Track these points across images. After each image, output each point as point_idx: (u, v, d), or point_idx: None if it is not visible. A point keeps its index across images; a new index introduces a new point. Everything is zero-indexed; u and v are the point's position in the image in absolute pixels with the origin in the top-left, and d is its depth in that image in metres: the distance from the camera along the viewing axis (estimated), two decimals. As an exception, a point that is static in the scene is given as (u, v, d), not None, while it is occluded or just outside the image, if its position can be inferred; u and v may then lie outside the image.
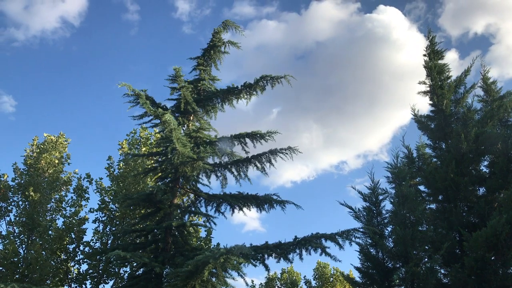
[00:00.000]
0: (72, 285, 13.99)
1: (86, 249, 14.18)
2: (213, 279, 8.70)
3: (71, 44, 56.21)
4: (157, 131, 14.72)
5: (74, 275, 14.18)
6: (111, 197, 14.83)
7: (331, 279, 26.78)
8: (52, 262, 13.33)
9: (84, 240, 14.21)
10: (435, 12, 60.04)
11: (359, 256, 11.83)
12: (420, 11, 58.79)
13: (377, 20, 54.42)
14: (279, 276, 27.64)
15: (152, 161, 14.29)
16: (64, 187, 15.67)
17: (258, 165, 11.16)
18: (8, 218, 14.70)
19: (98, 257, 13.59)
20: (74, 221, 14.14)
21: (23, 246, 13.89)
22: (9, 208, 14.86)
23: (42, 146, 15.68)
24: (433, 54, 13.66)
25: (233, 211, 11.05)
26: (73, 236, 14.03)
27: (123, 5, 56.95)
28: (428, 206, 12.37)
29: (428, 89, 13.36)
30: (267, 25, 65.36)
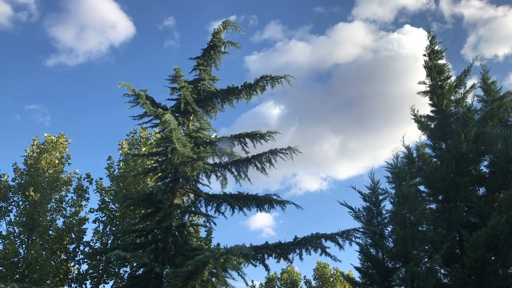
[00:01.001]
0: (72, 285, 14.00)
1: (86, 249, 14.18)
2: (213, 279, 8.71)
3: (115, 69, 57.42)
4: (157, 131, 14.72)
5: (74, 275, 14.18)
6: (111, 197, 14.83)
7: (331, 279, 26.79)
8: (52, 262, 13.33)
9: (84, 240, 14.22)
10: (460, 40, 60.80)
11: (359, 256, 11.84)
12: (445, 34, 59.08)
13: (401, 41, 54.99)
14: (279, 276, 27.65)
15: (152, 161, 14.29)
16: (64, 187, 15.68)
17: (258, 165, 11.17)
18: (8, 218, 14.72)
19: (98, 257, 13.59)
20: (74, 221, 14.14)
21: (23, 246, 13.89)
22: (9, 208, 14.86)
23: (42, 146, 15.69)
24: (433, 54, 13.66)
25: (233, 211, 11.05)
26: (73, 236, 14.04)
27: (168, 32, 57.89)
28: (428, 206, 12.37)
29: (428, 89, 13.35)
30: (296, 46, 66.36)
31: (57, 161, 15.68)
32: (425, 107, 13.29)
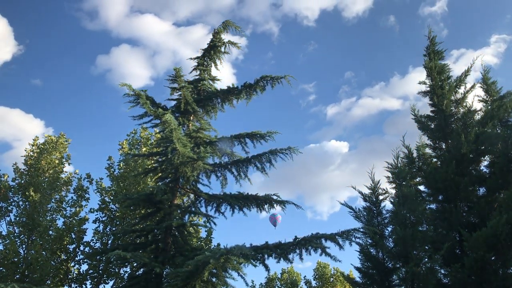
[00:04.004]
0: (72, 285, 14.01)
1: (86, 249, 14.19)
2: (213, 279, 8.71)
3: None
4: (157, 131, 14.73)
5: (74, 275, 14.19)
6: (111, 197, 14.84)
7: (331, 279, 26.81)
8: (52, 262, 13.34)
9: (84, 240, 14.24)
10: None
11: (359, 256, 11.83)
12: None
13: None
14: (279, 276, 27.66)
15: (152, 161, 14.30)
16: (65, 187, 15.69)
17: (258, 165, 11.16)
18: (8, 218, 14.73)
19: (98, 257, 13.59)
20: (74, 221, 14.15)
21: (24, 246, 13.90)
22: (9, 208, 14.88)
23: (42, 147, 15.70)
24: (434, 54, 13.65)
25: (233, 211, 11.05)
26: (73, 236, 14.04)
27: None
28: (428, 206, 12.35)
29: (428, 89, 13.35)
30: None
31: (57, 161, 15.69)
32: (425, 107, 13.31)
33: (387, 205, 13.50)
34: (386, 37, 64.52)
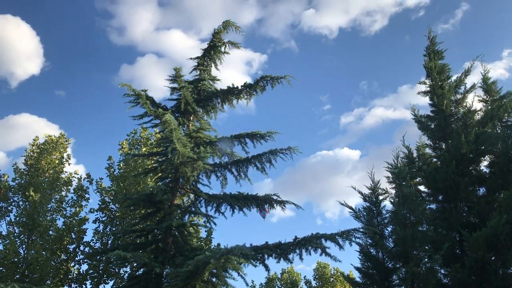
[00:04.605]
0: (72, 285, 14.01)
1: (86, 249, 14.19)
2: (214, 280, 8.71)
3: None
4: (157, 131, 14.73)
5: (74, 275, 14.19)
6: (111, 197, 14.84)
7: (332, 279, 26.81)
8: (52, 262, 13.34)
9: (84, 240, 14.24)
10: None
11: (359, 256, 11.82)
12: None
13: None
14: (279, 276, 27.66)
15: (152, 161, 14.30)
16: (65, 187, 15.70)
17: (258, 165, 11.16)
18: (8, 218, 14.74)
19: (98, 257, 13.60)
20: (74, 221, 14.15)
21: (24, 246, 13.90)
22: (9, 208, 14.89)
23: (42, 146, 15.70)
24: (434, 54, 13.65)
25: (233, 211, 11.05)
26: (73, 236, 14.04)
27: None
28: (428, 206, 12.35)
29: (428, 89, 13.35)
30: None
31: (57, 161, 15.70)
32: (425, 107, 13.33)
33: (387, 205, 13.51)
34: (400, 51, 66.33)
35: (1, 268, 12.82)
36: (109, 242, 14.31)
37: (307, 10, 66.30)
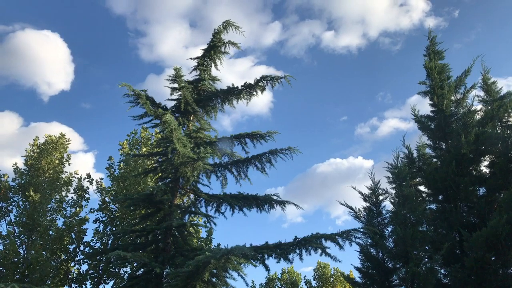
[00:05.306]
0: (72, 285, 14.00)
1: (87, 249, 14.19)
2: (214, 280, 8.70)
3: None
4: (157, 131, 14.72)
5: (74, 275, 14.19)
6: (112, 198, 14.84)
7: (332, 279, 26.80)
8: (52, 262, 13.34)
9: (84, 240, 14.24)
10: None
11: (360, 256, 11.84)
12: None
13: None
14: (279, 276, 27.66)
15: (153, 162, 14.29)
16: (65, 188, 15.70)
17: (258, 165, 11.16)
18: (8, 218, 14.75)
19: (98, 257, 13.59)
20: (74, 221, 14.15)
21: (24, 246, 13.91)
22: (9, 208, 14.90)
23: (42, 147, 15.71)
24: (434, 54, 13.66)
25: (233, 212, 11.04)
26: (73, 236, 14.04)
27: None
28: (428, 206, 12.37)
29: (428, 89, 13.36)
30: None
31: (57, 162, 15.70)
32: (425, 107, 13.36)
33: (387, 205, 13.52)
34: (415, 66, 68.29)
35: (1, 268, 12.82)
36: (109, 242, 14.31)
37: (327, 31, 69.51)
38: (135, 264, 11.87)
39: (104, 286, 14.07)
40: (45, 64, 55.70)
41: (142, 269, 10.24)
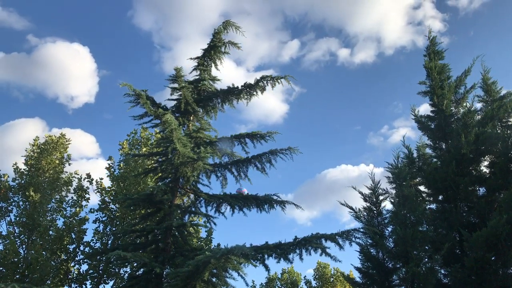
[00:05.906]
0: (72, 285, 13.99)
1: (87, 249, 14.18)
2: (214, 280, 8.70)
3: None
4: (157, 131, 14.72)
5: (74, 275, 14.18)
6: (112, 198, 14.83)
7: (332, 279, 26.79)
8: (52, 262, 13.34)
9: (84, 240, 14.22)
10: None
11: (360, 256, 11.84)
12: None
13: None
14: (279, 276, 27.65)
15: (153, 162, 14.29)
16: (65, 188, 15.69)
17: (258, 165, 11.15)
18: (8, 218, 14.75)
19: (98, 257, 13.58)
20: (74, 221, 14.15)
21: (24, 246, 13.91)
22: (9, 208, 14.90)
23: (42, 147, 15.71)
24: (434, 54, 13.66)
25: (233, 211, 11.05)
26: (73, 236, 14.04)
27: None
28: (428, 206, 12.37)
29: (428, 89, 13.36)
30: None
31: (57, 162, 15.70)
32: (425, 107, 13.36)
33: (387, 205, 13.52)
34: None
35: (1, 268, 12.82)
36: (109, 242, 14.30)
37: (343, 48, 71.74)
38: (135, 264, 11.87)
39: (104, 286, 14.07)
40: (72, 77, 58.58)
41: (142, 269, 10.24)
